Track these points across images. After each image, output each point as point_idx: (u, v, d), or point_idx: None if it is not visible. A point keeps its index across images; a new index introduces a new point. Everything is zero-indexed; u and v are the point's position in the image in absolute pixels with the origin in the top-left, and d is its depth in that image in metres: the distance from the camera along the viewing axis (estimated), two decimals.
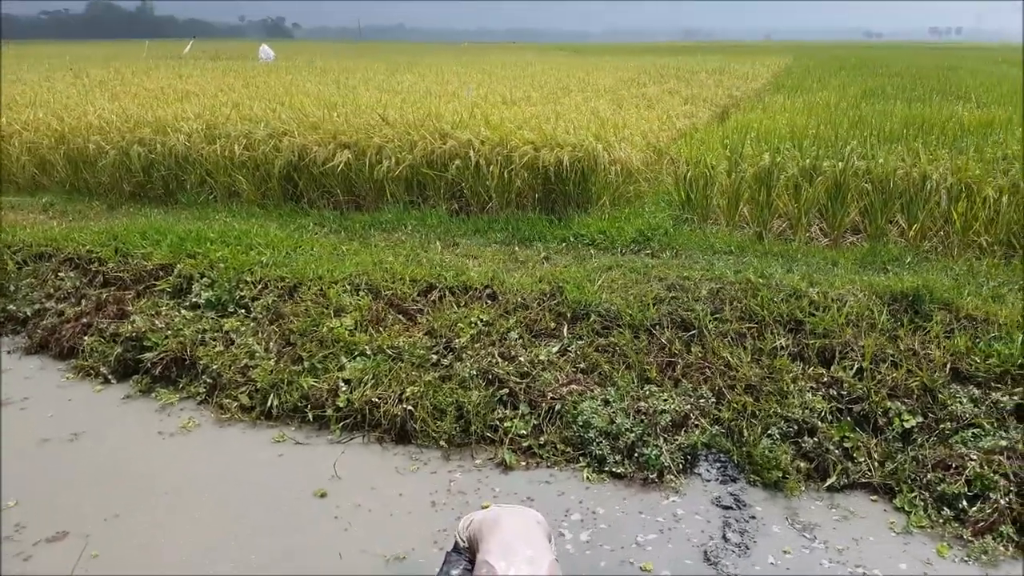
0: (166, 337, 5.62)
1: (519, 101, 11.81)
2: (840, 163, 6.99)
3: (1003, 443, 4.17)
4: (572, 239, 6.95)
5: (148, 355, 5.56)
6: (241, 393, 5.20)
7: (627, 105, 11.55)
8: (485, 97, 12.24)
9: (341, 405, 4.95)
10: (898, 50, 47.34)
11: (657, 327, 5.21)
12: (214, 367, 5.36)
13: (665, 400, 4.67)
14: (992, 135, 9.03)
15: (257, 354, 5.39)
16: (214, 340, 5.61)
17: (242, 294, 5.94)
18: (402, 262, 6.24)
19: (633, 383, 4.88)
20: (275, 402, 5.09)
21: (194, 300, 5.99)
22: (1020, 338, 4.69)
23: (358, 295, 5.73)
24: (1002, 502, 3.90)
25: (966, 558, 3.73)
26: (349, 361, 5.19)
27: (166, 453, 4.78)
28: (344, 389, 5.02)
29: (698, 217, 7.46)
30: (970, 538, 3.82)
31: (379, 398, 4.90)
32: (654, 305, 5.32)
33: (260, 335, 5.58)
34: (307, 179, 8.37)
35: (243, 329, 5.66)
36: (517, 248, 6.83)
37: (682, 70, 21.13)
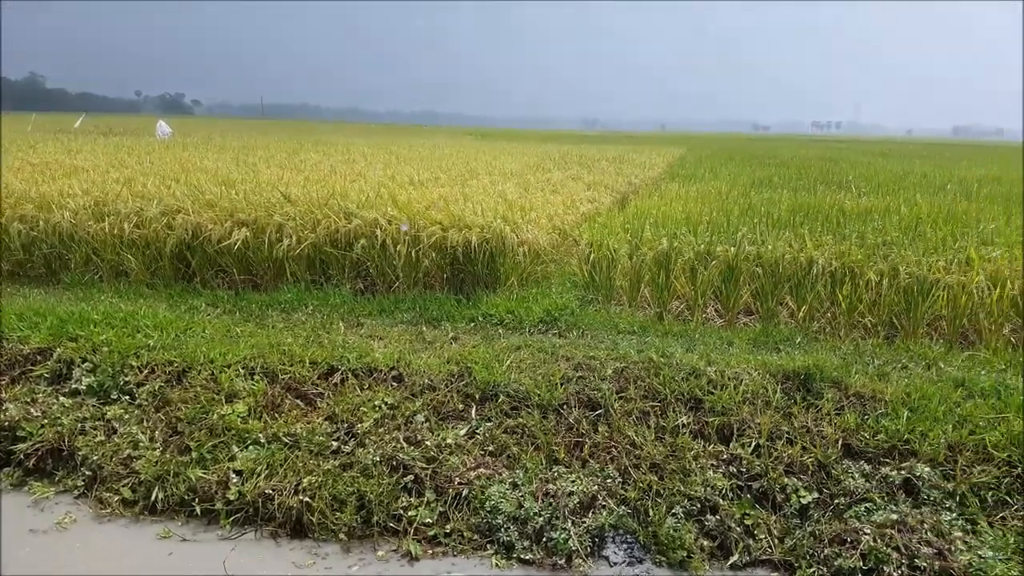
0: (42, 426, 5.25)
1: (427, 182, 12.04)
2: (732, 248, 7.48)
3: (894, 517, 4.40)
4: (481, 319, 7.03)
5: (21, 446, 5.17)
6: (123, 486, 4.88)
7: (533, 189, 11.98)
8: (392, 177, 12.41)
9: (232, 498, 4.71)
10: (783, 142, 51.47)
11: (565, 407, 5.30)
12: (94, 458, 5.02)
13: (573, 481, 4.71)
14: (872, 222, 9.86)
15: (141, 444, 5.09)
16: (95, 429, 5.27)
17: (127, 379, 5.64)
18: (301, 344, 6.11)
19: (541, 464, 4.90)
20: (160, 495, 4.79)
21: (74, 386, 5.64)
22: (905, 414, 5.04)
23: (252, 379, 5.55)
24: (895, 575, 4.08)
25: None
26: (241, 450, 4.98)
27: (40, 553, 4.38)
28: (235, 480, 4.79)
29: (603, 297, 7.75)
30: None
31: (273, 489, 4.69)
32: (562, 385, 5.43)
33: (145, 423, 5.29)
34: (201, 258, 8.17)
35: (127, 417, 5.36)
36: (425, 328, 6.84)
37: (584, 157, 22.17)
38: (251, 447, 5.01)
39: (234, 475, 4.83)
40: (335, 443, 5.03)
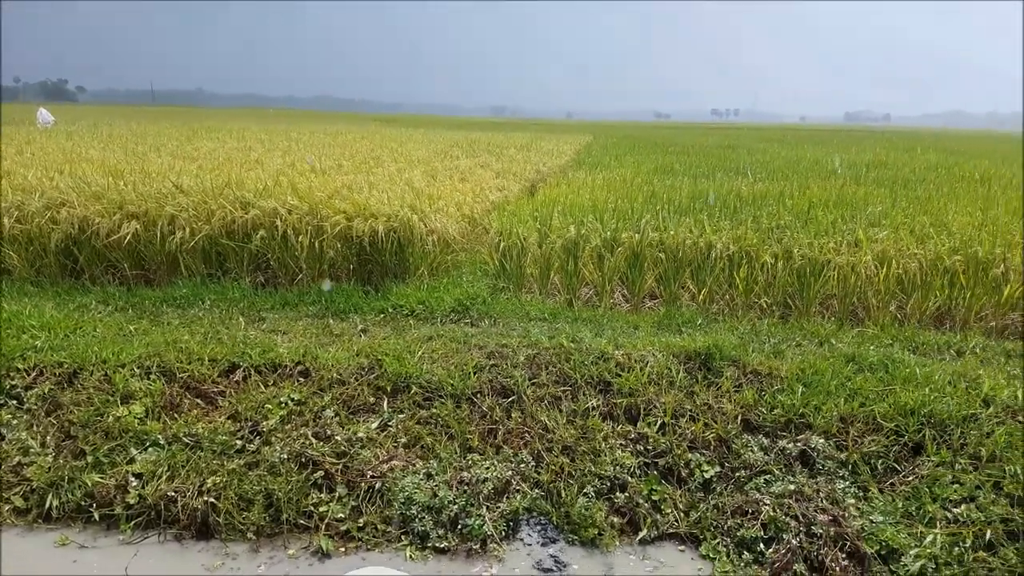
0: None
1: (329, 170, 11.84)
2: (637, 234, 7.77)
3: (791, 487, 4.71)
4: (391, 310, 7.02)
5: None
6: (14, 494, 4.66)
7: (441, 177, 11.99)
8: (292, 165, 12.14)
9: (132, 502, 4.57)
10: (684, 130, 53.16)
11: (478, 395, 5.39)
12: None
13: (487, 468, 4.82)
14: (767, 206, 10.41)
15: (32, 450, 4.86)
16: None
17: (13, 383, 5.35)
18: (199, 341, 5.95)
19: (456, 453, 4.98)
20: (55, 502, 4.59)
21: None
22: (800, 389, 5.40)
23: (149, 379, 5.37)
24: (794, 543, 4.38)
25: None
26: (140, 453, 4.83)
27: None
28: (135, 484, 4.64)
29: (514, 285, 7.88)
30: None
31: (176, 491, 4.58)
32: (475, 373, 5.51)
33: (35, 428, 5.04)
34: (89, 253, 7.79)
35: (15, 423, 5.10)
36: (331, 321, 6.78)
37: (492, 145, 22.28)
38: (150, 449, 4.86)
39: (133, 478, 4.68)
40: (239, 442, 4.94)
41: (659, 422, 5.18)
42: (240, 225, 7.69)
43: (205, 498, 4.54)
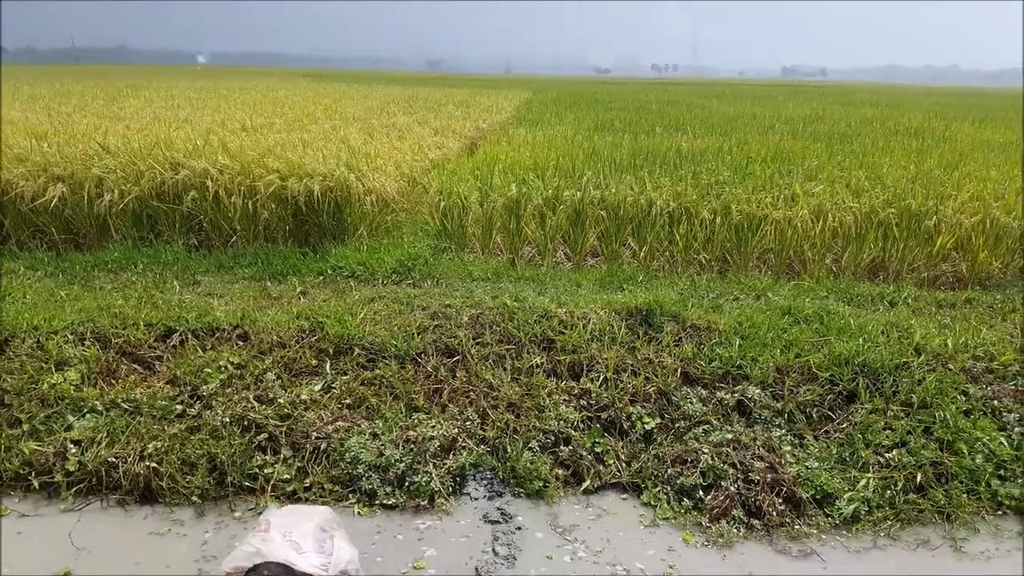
0: None
1: (261, 128, 11.60)
2: (578, 192, 7.91)
3: (729, 436, 4.98)
4: (330, 272, 7.03)
5: None
6: None
7: (378, 135, 11.88)
8: (223, 123, 11.84)
9: (71, 469, 4.57)
10: (624, 85, 53.27)
11: (423, 356, 5.50)
12: None
13: (433, 427, 4.95)
14: (706, 162, 10.68)
15: None
16: None
17: None
18: (134, 305, 5.88)
19: (401, 413, 5.10)
20: None
21: None
22: (737, 342, 5.65)
23: (83, 345, 5.31)
24: (732, 489, 4.65)
25: (706, 543, 4.40)
26: (77, 420, 4.81)
27: None
28: (74, 451, 4.63)
29: (456, 246, 7.96)
30: (708, 524, 4.51)
31: (116, 457, 4.59)
32: (418, 334, 5.61)
33: None
34: (14, 218, 7.57)
35: None
36: (269, 284, 6.76)
37: (430, 101, 22.07)
38: (88, 416, 4.85)
39: (72, 445, 4.67)
40: (179, 407, 4.96)
41: (602, 377, 5.39)
42: (170, 186, 7.54)
43: (147, 463, 4.57)
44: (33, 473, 4.60)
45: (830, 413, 5.24)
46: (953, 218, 7.74)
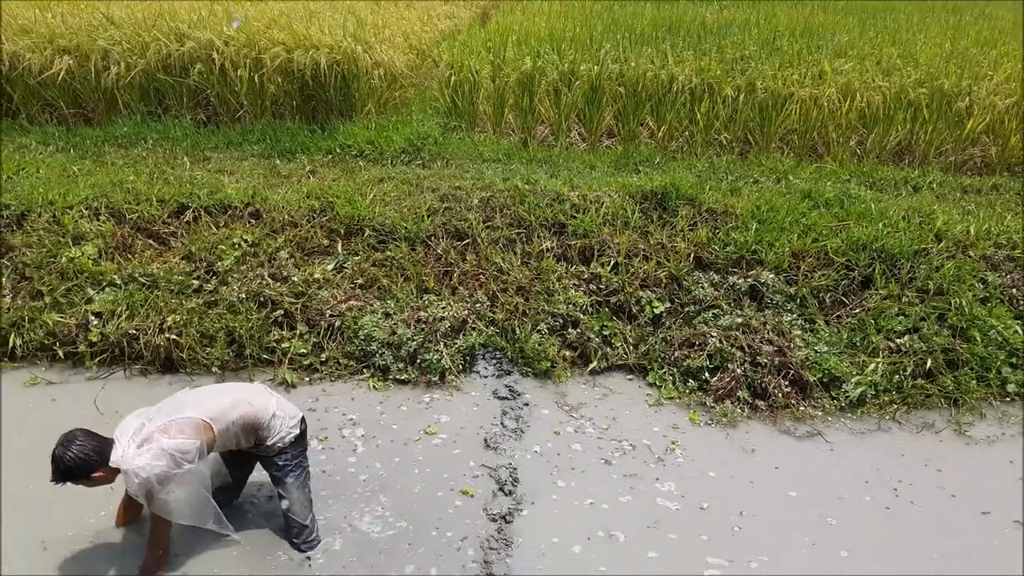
0: None
1: None
2: (596, 67, 7.71)
3: (739, 320, 5.11)
4: (339, 150, 7.05)
5: None
6: None
7: (385, 3, 11.48)
8: None
9: (94, 340, 4.85)
10: None
11: (433, 238, 5.61)
12: None
13: (444, 308, 5.14)
14: (732, 36, 10.30)
15: None
16: None
17: None
18: (146, 181, 5.99)
19: (412, 294, 5.28)
20: (18, 342, 4.85)
21: None
22: (754, 226, 5.68)
23: (98, 220, 5.46)
24: (739, 371, 4.84)
25: (710, 422, 4.64)
26: (97, 293, 5.04)
27: None
28: (95, 323, 4.89)
29: (466, 124, 7.88)
30: (713, 404, 4.75)
31: (137, 329, 4.84)
32: (428, 217, 5.70)
33: None
34: (23, 92, 7.58)
35: None
36: (278, 161, 6.82)
37: None
38: (107, 289, 5.07)
39: (93, 317, 4.92)
40: (196, 282, 5.16)
41: (612, 262, 5.49)
42: (176, 59, 7.44)
43: (167, 335, 4.83)
44: (58, 344, 4.89)
45: (843, 298, 5.35)
46: (986, 100, 7.54)
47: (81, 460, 2.96)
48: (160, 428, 3.09)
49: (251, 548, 3.54)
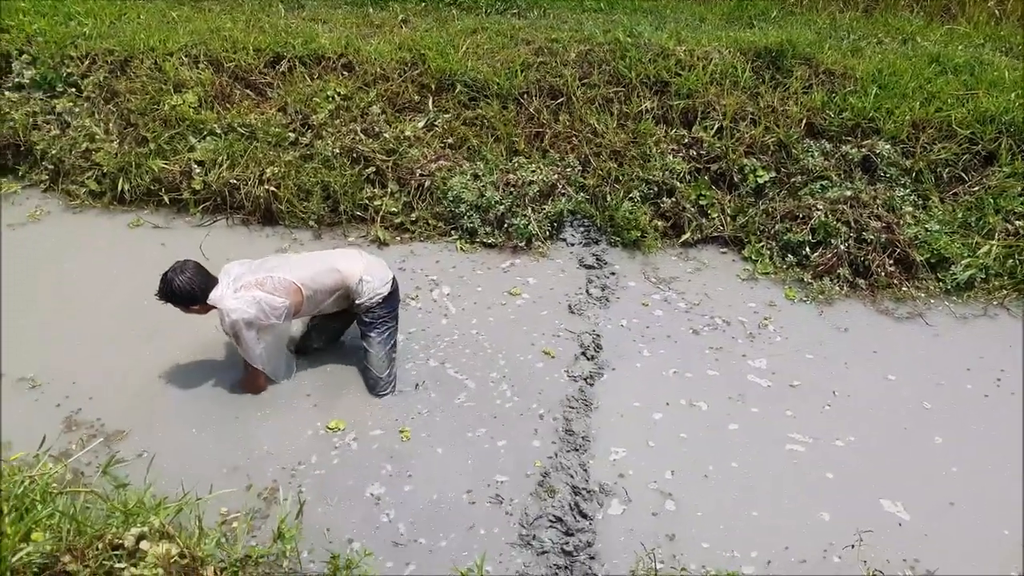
0: None
1: None
2: None
3: (848, 193, 4.85)
4: None
5: None
6: (88, 178, 5.24)
7: None
8: None
9: (197, 188, 5.08)
10: None
11: (525, 96, 5.45)
12: (53, 152, 5.30)
13: (533, 171, 5.06)
14: None
15: (97, 137, 5.32)
16: (47, 123, 5.48)
17: (69, 71, 5.66)
18: (242, 29, 6.00)
19: (502, 156, 5.22)
20: (126, 187, 5.15)
21: (17, 80, 5.68)
22: (873, 91, 5.26)
23: (198, 68, 5.56)
24: (842, 247, 4.65)
25: (805, 298, 4.53)
26: (199, 141, 5.23)
27: (23, 243, 4.86)
28: (198, 171, 5.11)
29: None
30: (810, 281, 4.61)
31: (237, 179, 5.03)
32: (522, 72, 5.51)
33: (97, 116, 5.46)
34: None
35: (77, 110, 5.52)
36: (371, 9, 6.69)
37: None
38: (208, 138, 5.24)
39: (196, 166, 5.14)
40: (292, 134, 5.26)
41: (717, 126, 5.22)
42: None
43: (266, 187, 5.00)
44: (163, 189, 5.15)
45: (963, 174, 5.00)
46: None
47: (186, 289, 3.30)
48: (257, 281, 3.36)
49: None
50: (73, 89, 5.62)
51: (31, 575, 1.75)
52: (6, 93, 5.60)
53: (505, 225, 4.93)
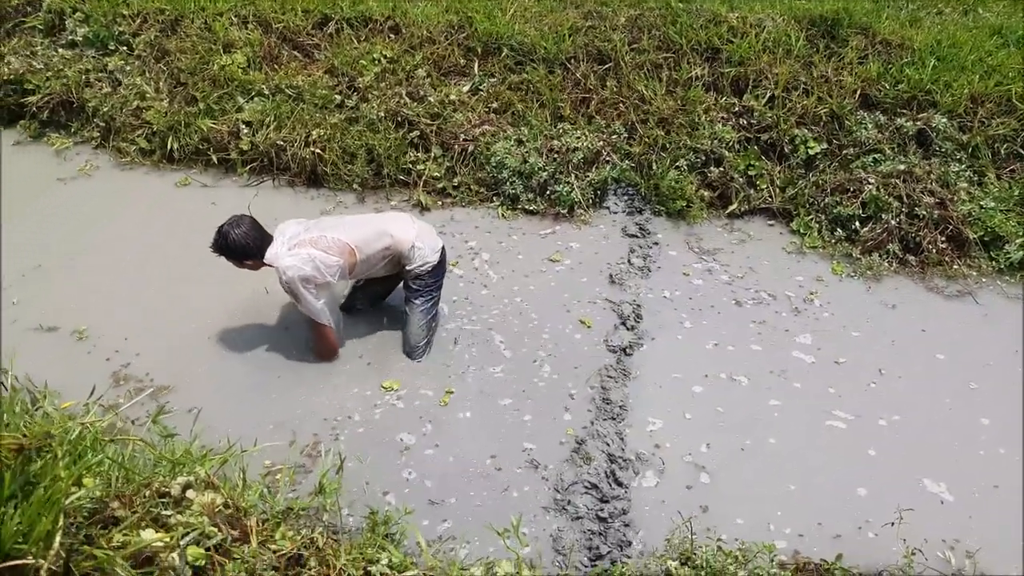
0: (47, 79, 5.59)
1: None
2: None
3: (901, 167, 4.73)
4: None
5: (32, 99, 5.56)
6: (138, 136, 5.34)
7: None
8: None
9: (245, 148, 5.14)
10: None
11: (572, 60, 5.38)
12: (104, 109, 5.41)
13: (578, 138, 5.01)
14: None
15: (148, 95, 5.42)
16: (99, 81, 5.59)
17: (121, 30, 5.77)
18: None
19: (546, 122, 5.17)
20: (175, 145, 5.24)
21: (70, 38, 5.81)
22: (931, 63, 5.11)
23: (247, 28, 5.61)
24: (892, 222, 4.55)
25: (853, 274, 4.45)
26: (247, 102, 5.28)
27: (71, 197, 4.99)
28: (245, 132, 5.17)
29: None
30: (859, 256, 4.52)
31: (284, 141, 5.08)
32: (570, 36, 5.44)
33: (148, 74, 5.56)
34: None
35: (128, 68, 5.62)
36: None
37: None
38: (256, 99, 5.30)
39: (244, 126, 5.20)
40: (338, 97, 5.28)
41: (768, 95, 5.11)
42: None
43: (312, 149, 5.04)
44: (211, 149, 5.23)
45: (1021, 151, 4.84)
46: None
47: (241, 244, 3.34)
48: (312, 239, 3.39)
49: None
50: (124, 47, 5.73)
51: (81, 518, 1.81)
52: (59, 50, 5.74)
53: (548, 192, 4.91)
